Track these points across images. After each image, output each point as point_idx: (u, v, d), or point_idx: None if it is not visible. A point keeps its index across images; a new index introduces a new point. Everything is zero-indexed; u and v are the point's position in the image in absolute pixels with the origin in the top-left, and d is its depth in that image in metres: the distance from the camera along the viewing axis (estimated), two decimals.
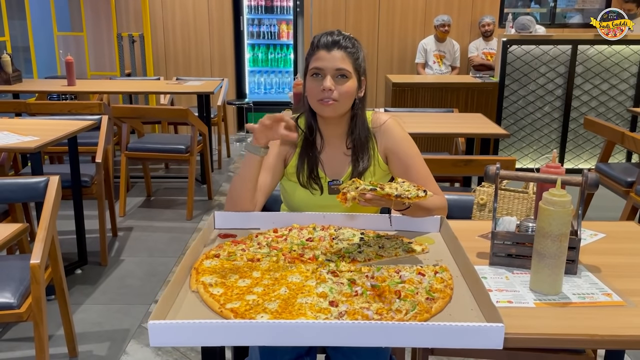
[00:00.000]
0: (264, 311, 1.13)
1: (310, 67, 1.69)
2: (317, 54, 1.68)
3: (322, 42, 1.68)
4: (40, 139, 2.77)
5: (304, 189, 1.77)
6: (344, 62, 1.67)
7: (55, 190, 2.20)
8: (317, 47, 1.69)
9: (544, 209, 1.23)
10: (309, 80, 1.70)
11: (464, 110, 5.14)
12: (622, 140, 3.46)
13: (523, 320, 1.15)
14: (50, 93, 4.98)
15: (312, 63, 1.68)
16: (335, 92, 1.66)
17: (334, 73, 1.66)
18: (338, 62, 1.66)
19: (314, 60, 1.68)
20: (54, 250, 2.21)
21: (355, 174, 1.75)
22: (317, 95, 1.67)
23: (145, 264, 3.39)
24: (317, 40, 1.70)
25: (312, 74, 1.68)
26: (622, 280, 1.33)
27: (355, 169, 1.76)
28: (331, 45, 1.67)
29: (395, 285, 1.24)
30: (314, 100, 1.69)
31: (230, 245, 1.47)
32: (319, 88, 1.66)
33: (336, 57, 1.66)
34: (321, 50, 1.67)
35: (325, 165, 1.78)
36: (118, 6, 6.48)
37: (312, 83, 1.69)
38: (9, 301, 1.95)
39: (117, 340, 2.59)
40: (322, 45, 1.67)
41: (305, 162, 1.77)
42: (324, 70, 1.66)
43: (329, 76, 1.66)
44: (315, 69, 1.67)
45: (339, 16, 6.65)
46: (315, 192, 1.76)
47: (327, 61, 1.66)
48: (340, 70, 1.66)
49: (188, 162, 4.19)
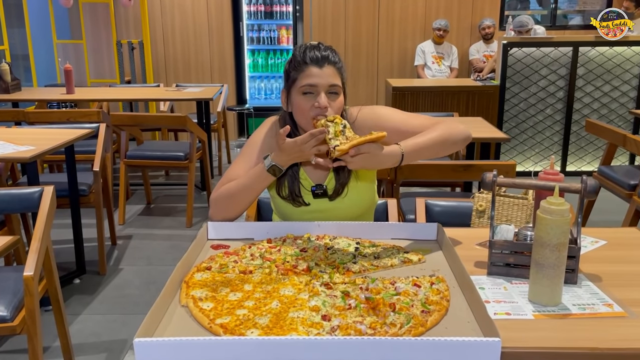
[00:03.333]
0: (254, 326, 1.10)
1: (301, 84, 1.61)
2: (307, 70, 1.61)
3: (311, 57, 1.61)
4: (35, 149, 2.75)
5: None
6: (336, 78, 1.62)
7: (50, 201, 2.18)
8: (304, 62, 1.61)
9: (541, 218, 1.20)
10: (300, 98, 1.62)
11: (465, 114, 5.11)
12: (624, 143, 3.43)
13: (521, 332, 1.12)
14: (50, 101, 4.97)
15: (303, 80, 1.61)
16: (329, 109, 1.60)
17: (327, 89, 1.61)
18: (331, 79, 1.61)
19: (305, 77, 1.61)
20: (49, 261, 2.18)
21: (337, 183, 1.70)
22: (310, 113, 1.60)
23: (144, 273, 3.37)
24: (303, 54, 1.63)
25: (304, 92, 1.62)
26: (624, 289, 1.29)
27: (337, 176, 1.71)
28: (321, 61, 1.61)
29: (390, 298, 1.21)
30: (307, 117, 1.61)
31: (222, 257, 1.44)
32: (312, 105, 1.60)
33: (328, 74, 1.61)
34: (312, 67, 1.60)
35: (308, 172, 1.74)
36: (117, 14, 6.48)
37: (304, 100, 1.62)
38: (2, 314, 1.92)
39: (114, 351, 2.56)
40: (312, 61, 1.61)
41: (285, 180, 1.71)
42: (317, 87, 1.60)
43: (323, 93, 1.60)
44: (308, 86, 1.60)
45: (338, 21, 6.64)
46: (299, 205, 1.73)
47: (320, 78, 1.60)
48: (333, 86, 1.61)
49: (187, 169, 4.17)
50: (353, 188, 1.72)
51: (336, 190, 1.71)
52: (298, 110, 1.64)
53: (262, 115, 6.62)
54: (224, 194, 1.65)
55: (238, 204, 1.63)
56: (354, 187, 1.73)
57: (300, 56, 1.63)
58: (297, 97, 1.63)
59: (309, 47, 1.64)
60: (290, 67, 1.65)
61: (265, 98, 7.10)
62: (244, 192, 1.61)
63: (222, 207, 1.65)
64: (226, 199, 1.65)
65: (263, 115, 6.78)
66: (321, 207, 1.72)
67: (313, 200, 1.72)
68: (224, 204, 1.65)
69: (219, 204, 1.66)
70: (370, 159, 1.45)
